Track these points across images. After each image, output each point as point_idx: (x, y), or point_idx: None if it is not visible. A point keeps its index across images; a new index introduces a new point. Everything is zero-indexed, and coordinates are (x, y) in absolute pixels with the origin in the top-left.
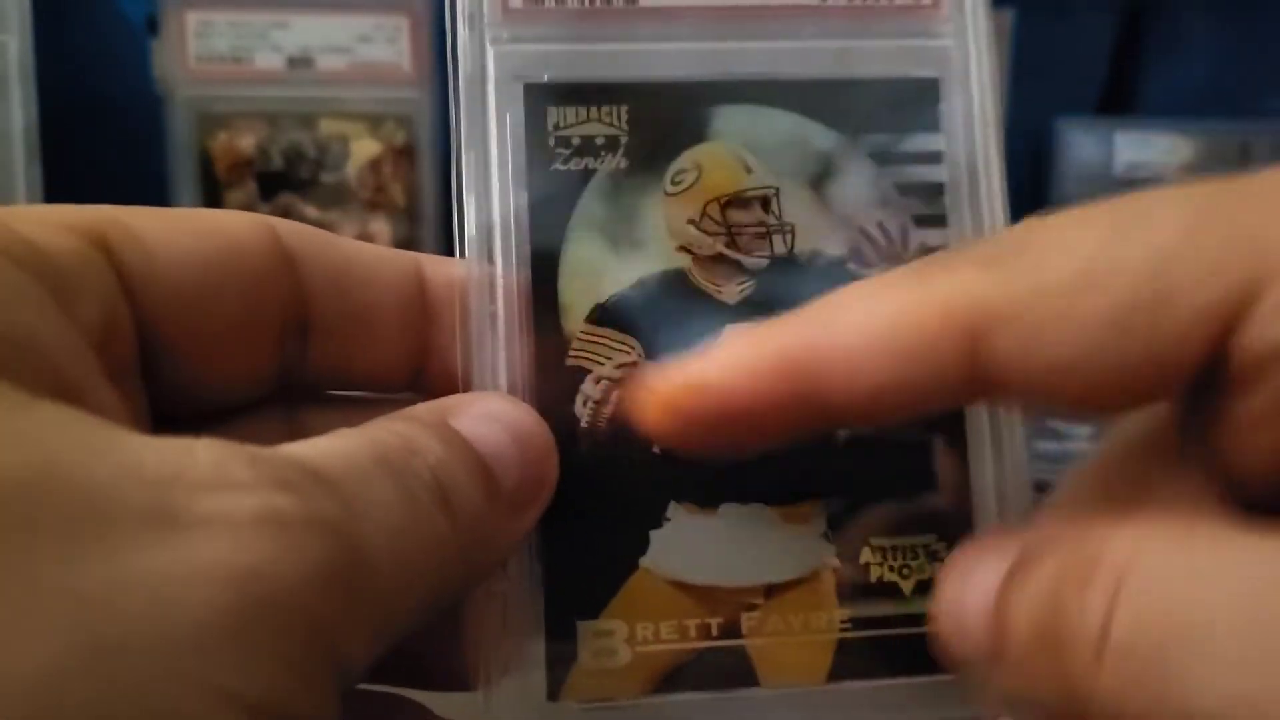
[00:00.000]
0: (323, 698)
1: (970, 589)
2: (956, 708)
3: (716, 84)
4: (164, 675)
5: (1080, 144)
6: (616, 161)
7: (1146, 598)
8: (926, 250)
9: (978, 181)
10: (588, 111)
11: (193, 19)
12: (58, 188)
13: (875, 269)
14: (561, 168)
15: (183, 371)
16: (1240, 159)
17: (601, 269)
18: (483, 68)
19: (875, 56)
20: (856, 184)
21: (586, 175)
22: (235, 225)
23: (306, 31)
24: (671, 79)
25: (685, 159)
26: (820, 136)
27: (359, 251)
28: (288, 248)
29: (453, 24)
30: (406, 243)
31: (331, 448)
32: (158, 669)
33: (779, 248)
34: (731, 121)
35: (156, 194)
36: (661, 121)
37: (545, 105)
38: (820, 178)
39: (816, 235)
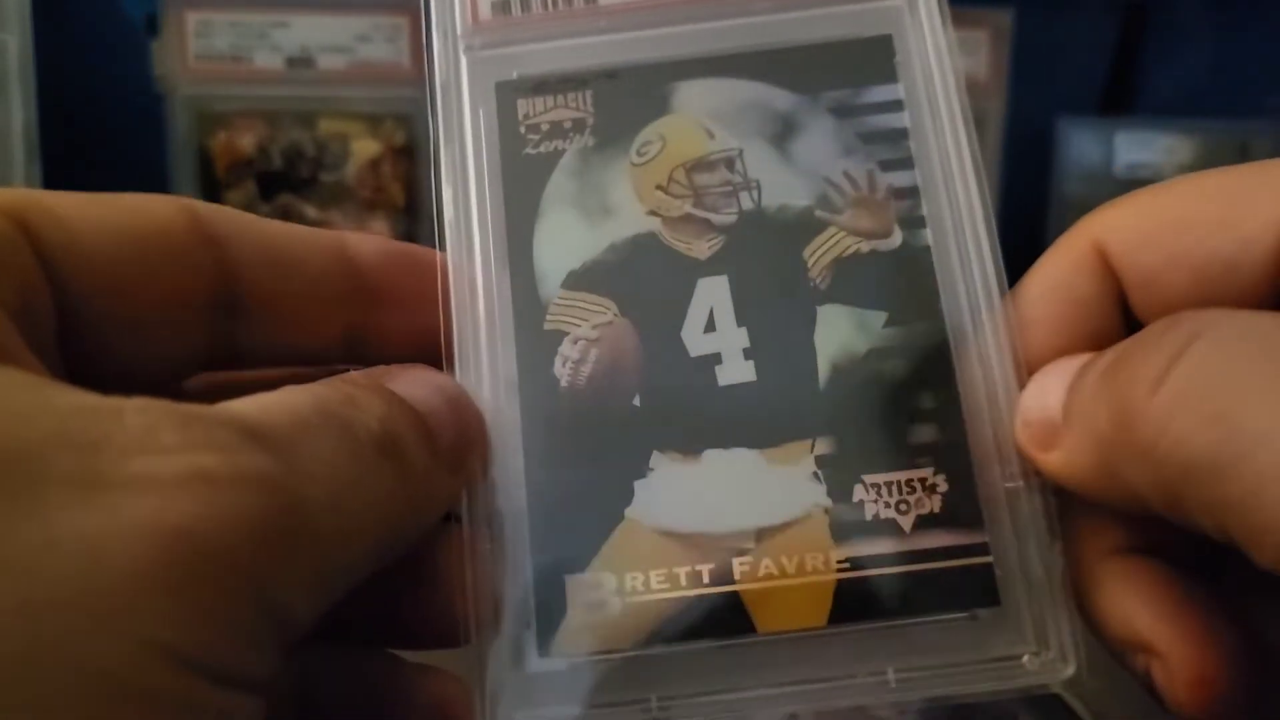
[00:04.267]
0: (259, 649)
1: (1056, 373)
2: (967, 650)
3: (675, 63)
4: (92, 630)
5: (1080, 144)
6: (584, 140)
7: (1212, 348)
8: (896, 192)
9: (940, 121)
10: (554, 100)
11: (192, 18)
12: (57, 186)
13: (844, 214)
14: (533, 152)
15: (109, 347)
16: (1240, 158)
17: (574, 238)
18: (457, 74)
19: (828, 23)
20: (819, 138)
21: (556, 156)
22: (155, 207)
23: (306, 31)
24: (632, 63)
25: (649, 132)
26: (779, 99)
27: (284, 231)
28: (210, 227)
29: (428, 35)
30: (407, 241)
31: (275, 402)
32: (86, 624)
33: (746, 203)
34: (692, 95)
35: (154, 192)
36: (625, 101)
37: (515, 99)
38: (782, 136)
39: (783, 188)
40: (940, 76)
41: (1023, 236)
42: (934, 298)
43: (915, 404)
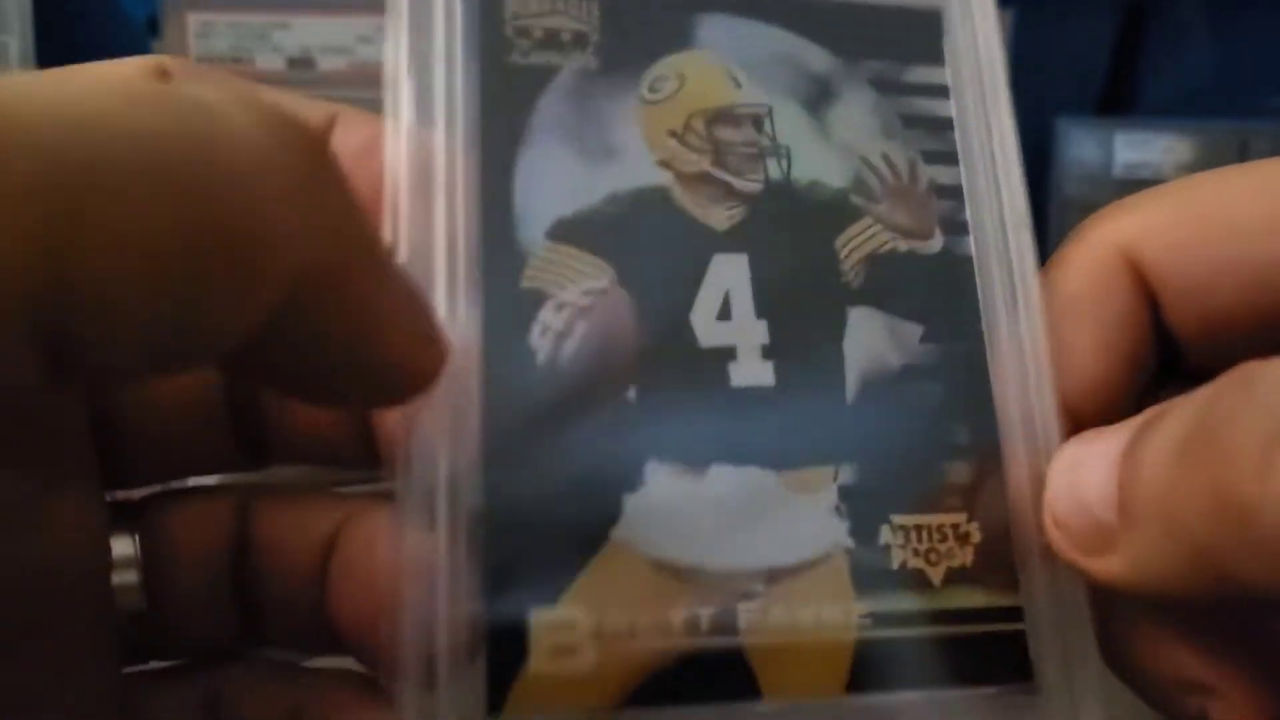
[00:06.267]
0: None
1: (1089, 459)
2: None
3: None
4: None
5: (1080, 144)
6: (585, 60)
7: None
8: (938, 188)
9: (987, 118)
10: (552, 1)
11: (193, 19)
12: None
13: (882, 204)
14: (520, 61)
15: None
16: (1240, 158)
17: (566, 177)
18: None
19: None
20: (858, 111)
21: (550, 72)
22: None
23: (307, 32)
24: None
25: (664, 65)
26: (815, 57)
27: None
28: None
29: None
30: None
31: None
32: None
33: (774, 172)
34: (717, 31)
35: None
36: (638, 22)
37: None
38: (817, 100)
39: (816, 162)
40: (990, 68)
41: None
42: (974, 317)
43: (951, 437)
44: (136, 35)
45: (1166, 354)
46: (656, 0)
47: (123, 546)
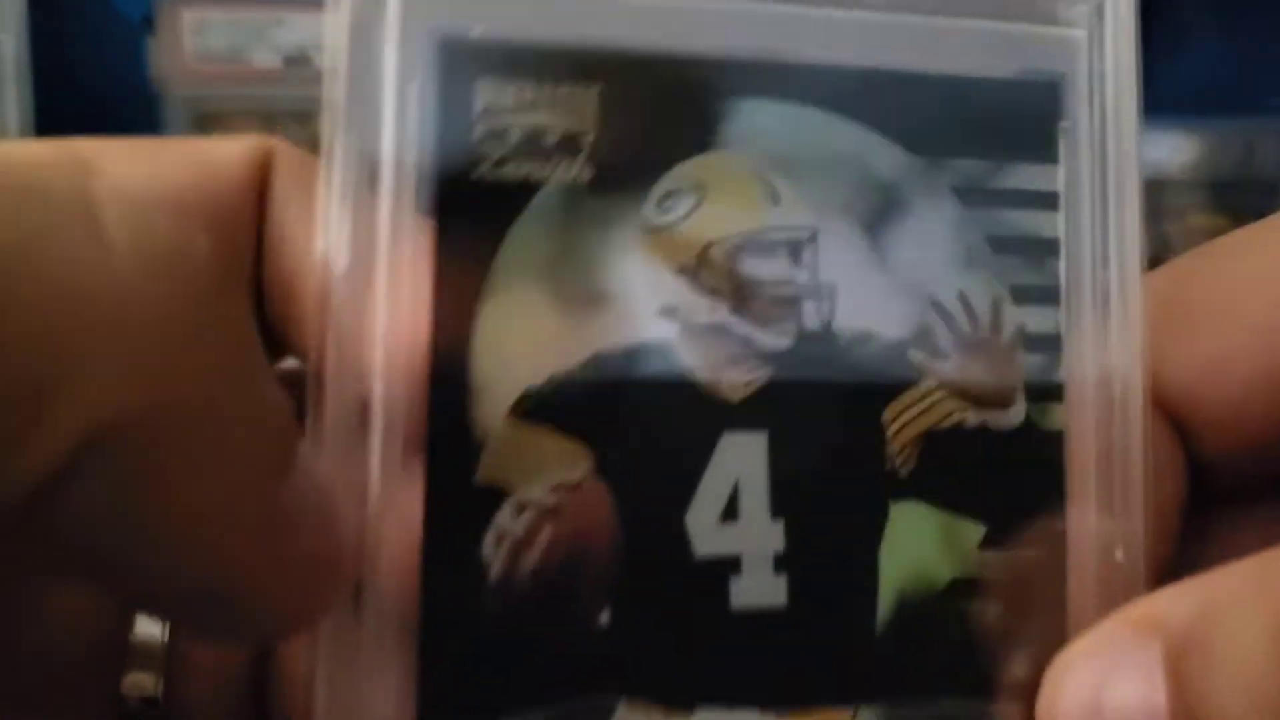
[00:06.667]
0: None
1: (1117, 669)
2: None
3: (738, 65)
4: None
5: None
6: (576, 171)
7: None
8: (1027, 339)
9: (1107, 240)
10: (538, 91)
11: (189, 17)
12: None
13: (950, 361)
14: (489, 175)
15: None
16: (1245, 157)
17: (539, 334)
18: (378, 8)
19: (971, 44)
20: (932, 231)
21: (528, 189)
22: None
23: (304, 29)
24: (670, 52)
25: (680, 174)
26: (884, 156)
27: None
28: None
29: None
30: None
31: None
32: None
33: (810, 320)
34: (755, 123)
35: None
36: (650, 115)
37: (472, 77)
38: (879, 218)
39: (867, 305)
40: (1119, 161)
41: None
42: (1057, 511)
43: (1008, 673)
44: (131, 32)
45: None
46: (678, 81)
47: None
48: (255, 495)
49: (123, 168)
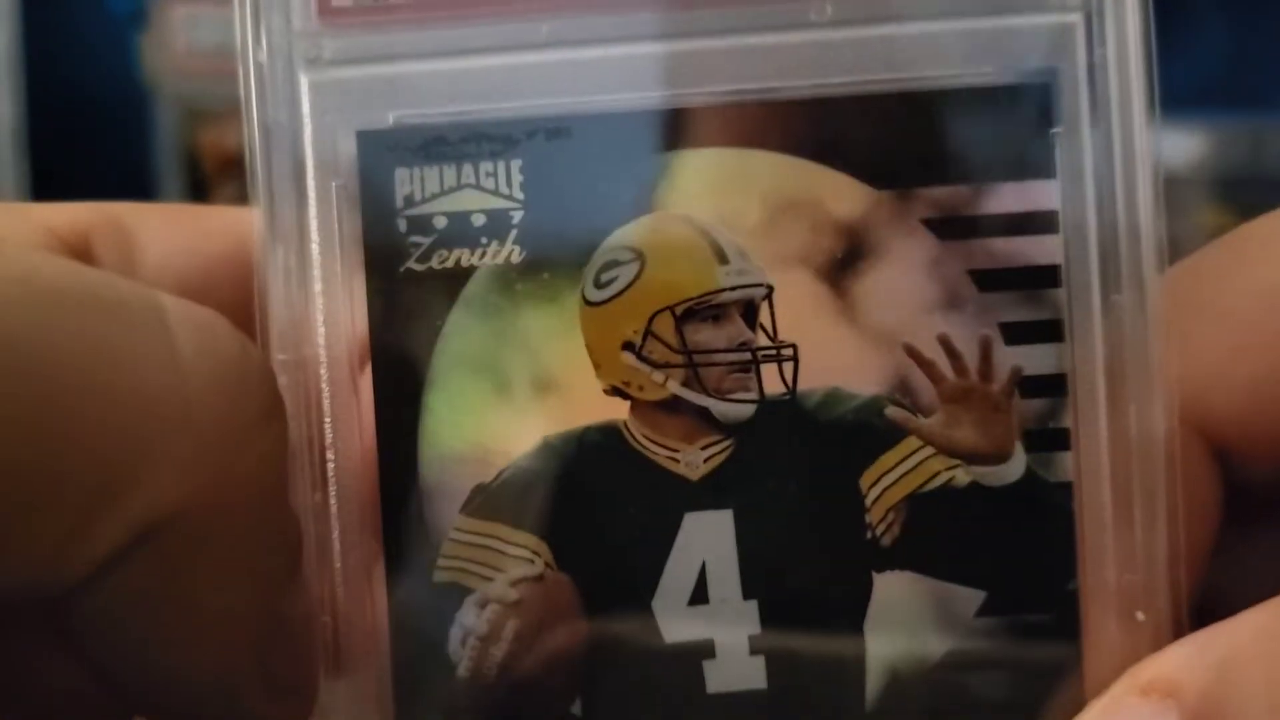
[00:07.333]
0: None
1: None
2: None
3: (666, 115)
4: None
5: None
6: (506, 251)
7: None
8: (1024, 381)
9: (1119, 261)
10: (459, 172)
11: (181, 12)
12: (45, 183)
13: (934, 414)
14: (418, 268)
15: None
16: (1253, 152)
17: (485, 428)
18: (291, 108)
19: (944, 47)
20: (904, 272)
21: (459, 279)
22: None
23: None
24: (597, 109)
25: (618, 242)
26: (844, 195)
27: None
28: None
29: (242, 35)
30: None
31: None
32: None
33: (772, 385)
34: (697, 175)
35: (142, 191)
36: (580, 181)
37: (391, 166)
38: (842, 265)
39: (835, 361)
40: (1128, 167)
41: None
42: (1066, 574)
43: None
44: (123, 28)
45: None
46: (608, 139)
47: None
48: (265, 601)
49: (164, 242)
